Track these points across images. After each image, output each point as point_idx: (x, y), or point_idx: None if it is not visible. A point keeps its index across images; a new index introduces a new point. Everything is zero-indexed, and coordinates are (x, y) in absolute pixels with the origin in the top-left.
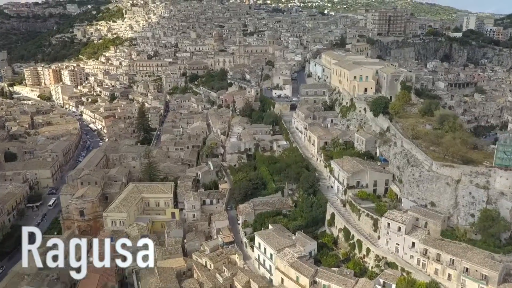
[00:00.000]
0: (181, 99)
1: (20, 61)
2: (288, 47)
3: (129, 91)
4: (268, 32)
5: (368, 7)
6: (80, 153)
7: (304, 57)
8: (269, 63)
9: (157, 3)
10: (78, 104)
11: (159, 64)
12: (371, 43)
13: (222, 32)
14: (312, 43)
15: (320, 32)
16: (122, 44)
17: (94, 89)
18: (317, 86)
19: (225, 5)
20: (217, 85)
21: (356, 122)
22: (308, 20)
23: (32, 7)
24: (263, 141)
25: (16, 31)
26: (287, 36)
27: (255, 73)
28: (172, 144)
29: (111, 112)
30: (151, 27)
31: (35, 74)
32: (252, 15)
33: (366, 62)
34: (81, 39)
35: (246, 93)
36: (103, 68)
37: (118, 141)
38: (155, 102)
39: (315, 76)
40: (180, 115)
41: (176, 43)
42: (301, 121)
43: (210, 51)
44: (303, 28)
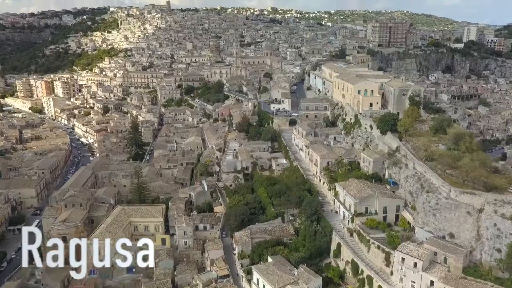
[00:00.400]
0: (176, 112)
1: (13, 72)
2: (286, 59)
3: (123, 103)
4: (265, 43)
5: (365, 18)
6: (69, 170)
7: (303, 69)
8: (266, 75)
9: (153, 14)
10: (70, 117)
11: (154, 76)
12: (372, 55)
13: (219, 43)
14: (311, 55)
15: (319, 43)
16: (117, 55)
17: (87, 101)
18: (318, 100)
19: (222, 16)
20: (213, 97)
21: (362, 140)
22: (306, 31)
23: (27, 17)
24: (261, 159)
25: (11, 42)
26: (285, 47)
27: (252, 85)
28: (165, 161)
29: (104, 126)
30: (147, 38)
31: (27, 86)
32: (250, 26)
33: (370, 75)
34: (76, 50)
35: (243, 106)
36: (97, 79)
37: (109, 156)
38: (149, 115)
39: (315, 89)
40: (174, 129)
41: (171, 54)
42: (301, 138)
43: (207, 63)
44: (301, 39)
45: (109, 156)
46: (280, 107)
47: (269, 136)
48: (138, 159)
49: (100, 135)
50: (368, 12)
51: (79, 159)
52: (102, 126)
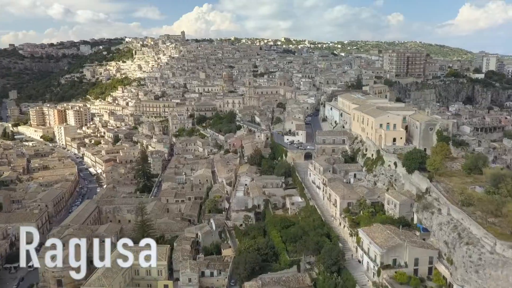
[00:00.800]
0: (187, 143)
1: (28, 100)
2: (300, 89)
3: (134, 133)
4: (279, 73)
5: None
6: (74, 202)
7: (318, 100)
8: (280, 105)
9: (167, 44)
10: (80, 146)
11: (166, 105)
12: (389, 85)
13: (232, 72)
14: (326, 85)
15: (334, 73)
16: (130, 84)
17: (99, 130)
18: (335, 133)
19: (235, 46)
20: (225, 127)
21: (385, 178)
22: (320, 60)
23: (46, 48)
24: (274, 197)
25: (29, 71)
26: (299, 77)
27: (265, 116)
28: (172, 195)
29: (113, 156)
30: (160, 67)
31: (40, 114)
32: (263, 56)
33: (392, 107)
34: (90, 79)
35: (256, 137)
36: (109, 108)
37: (116, 188)
38: (159, 146)
39: (331, 121)
40: (184, 160)
41: (184, 83)
42: (318, 174)
43: (219, 92)
44: (315, 69)
45: (116, 188)
46: (294, 139)
47: (282, 171)
48: (146, 191)
49: (108, 166)
50: (381, 42)
51: (85, 191)
52: (111, 156)
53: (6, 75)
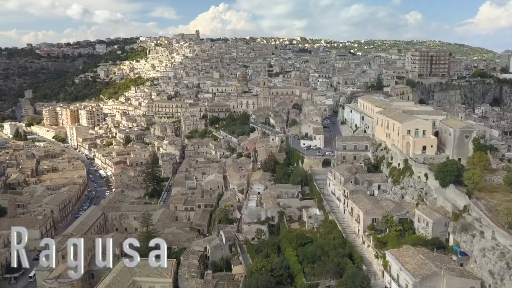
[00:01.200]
0: (199, 145)
1: (43, 100)
2: (316, 89)
3: (145, 133)
4: (294, 73)
5: (396, 47)
6: (82, 206)
7: (336, 101)
8: (295, 106)
9: (181, 43)
10: (91, 147)
11: (178, 106)
12: (412, 86)
13: (246, 72)
14: (344, 85)
15: (352, 73)
16: (143, 84)
17: (111, 130)
18: (357, 139)
19: (250, 45)
20: (239, 129)
21: (414, 191)
22: (338, 60)
23: (63, 47)
24: (290, 208)
25: (45, 71)
26: (315, 77)
27: (280, 118)
28: (182, 202)
29: (123, 157)
30: (174, 67)
31: (53, 114)
32: (278, 55)
33: (419, 111)
34: (104, 79)
35: (270, 140)
36: (121, 108)
37: (125, 192)
38: (170, 148)
39: (351, 124)
40: (196, 163)
41: (198, 83)
42: (338, 185)
43: (233, 92)
44: (333, 68)
45: (124, 192)
46: (311, 144)
47: (298, 179)
48: (155, 195)
49: (118, 168)
50: (398, 41)
51: (94, 194)
52: (122, 158)
53: (23, 75)
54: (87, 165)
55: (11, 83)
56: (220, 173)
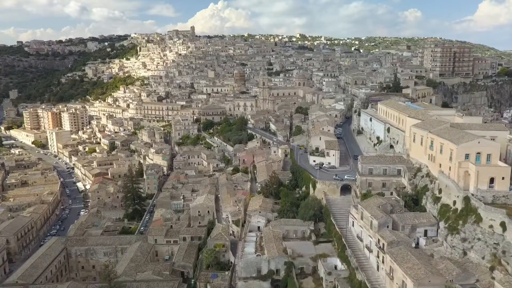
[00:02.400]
0: (190, 155)
1: (26, 101)
2: (322, 89)
3: (132, 139)
4: (297, 72)
5: (397, 44)
6: (50, 229)
7: (348, 105)
8: (299, 110)
9: (174, 39)
10: (71, 154)
11: (169, 108)
12: (433, 86)
13: (244, 71)
14: (353, 86)
15: (362, 71)
16: (133, 83)
17: (95, 135)
18: (387, 160)
19: (248, 42)
20: (235, 136)
21: (485, 248)
22: (344, 57)
23: (53, 44)
24: (301, 258)
25: (33, 69)
26: (320, 76)
27: (282, 123)
28: (163, 234)
29: (105, 168)
30: (166, 65)
31: (34, 117)
32: (278, 53)
33: (472, 124)
34: (92, 78)
35: (271, 152)
36: (108, 110)
37: (101, 213)
38: (157, 158)
39: (371, 136)
40: (185, 177)
41: (191, 83)
42: (369, 229)
43: (230, 93)
44: (338, 66)
45: (100, 213)
46: (323, 162)
47: (311, 213)
48: (136, 217)
49: (96, 181)
50: (399, 38)
51: (66, 214)
52: (103, 169)
53: (10, 73)
54: (66, 176)
55: None
56: (212, 193)
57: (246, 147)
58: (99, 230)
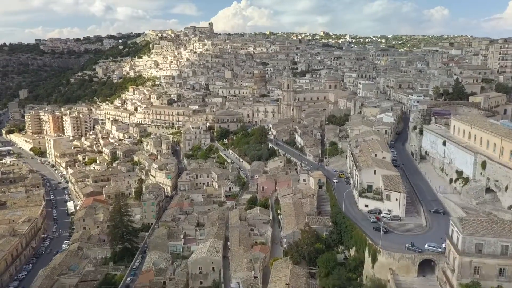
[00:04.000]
0: (198, 173)
1: (34, 102)
2: (357, 93)
3: (136, 149)
4: (325, 72)
5: (426, 42)
6: (19, 271)
7: (398, 116)
8: (332, 119)
9: (189, 36)
10: (69, 165)
11: (180, 113)
12: (505, 92)
13: (265, 71)
14: (397, 90)
15: (407, 73)
16: (143, 84)
17: (99, 142)
18: (506, 231)
19: (270, 39)
20: (253, 150)
21: None
22: (379, 56)
23: (68, 42)
24: None
25: (47, 68)
26: (353, 78)
27: (311, 136)
28: None
29: (100, 185)
30: (179, 64)
31: (36, 121)
32: (304, 50)
33: None
34: (101, 78)
35: (299, 181)
36: (115, 114)
37: (84, 250)
38: (160, 175)
39: (443, 165)
40: (190, 203)
41: (206, 84)
42: None
43: (248, 96)
44: (373, 66)
45: (83, 250)
46: (381, 209)
47: None
48: (126, 258)
49: (86, 204)
50: (427, 37)
51: (45, 248)
52: (98, 186)
53: (23, 72)
54: (58, 193)
55: (9, 81)
56: (220, 237)
57: (266, 166)
58: (74, 279)
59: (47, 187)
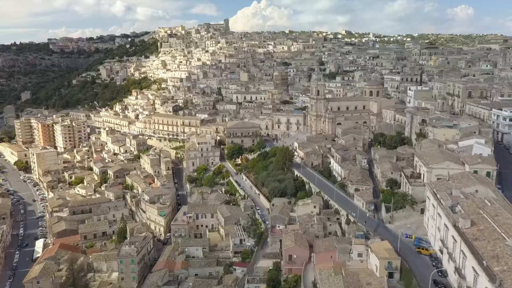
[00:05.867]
0: (200, 211)
1: (33, 105)
2: (407, 102)
3: (130, 168)
4: (359, 73)
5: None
6: None
7: (489, 142)
8: (380, 138)
9: (202, 33)
10: (50, 186)
11: (186, 123)
12: None
13: (287, 72)
14: (468, 100)
15: (474, 77)
16: (148, 87)
17: (92, 155)
18: None
19: (292, 36)
20: (274, 181)
21: None
22: (425, 55)
23: (81, 41)
24: None
25: (56, 68)
26: (397, 82)
27: (354, 164)
28: None
29: (78, 220)
30: (189, 64)
31: (27, 128)
32: (332, 49)
33: None
34: (104, 79)
35: (351, 255)
36: (113, 122)
37: None
38: (151, 211)
39: None
40: (185, 262)
41: (219, 88)
42: None
43: (267, 103)
44: (419, 67)
45: None
46: None
47: None
48: None
49: (50, 252)
50: (455, 36)
51: None
52: (75, 222)
53: (30, 72)
54: (31, 225)
55: (15, 82)
56: None
57: (293, 210)
58: None
59: (19, 216)
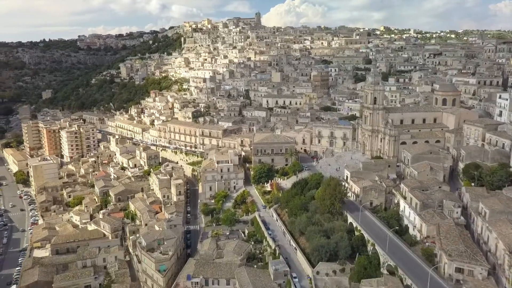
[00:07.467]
0: (210, 276)
1: (49, 106)
2: (499, 115)
3: (136, 190)
4: (418, 74)
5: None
6: None
7: None
8: (473, 172)
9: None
10: (43, 209)
11: (206, 133)
12: None
13: (328, 72)
14: None
15: None
16: (169, 87)
17: (99, 167)
18: None
19: (331, 30)
20: (319, 236)
21: None
22: (504, 51)
23: (108, 38)
24: None
25: (82, 65)
26: (473, 86)
27: (442, 216)
28: None
29: (59, 263)
30: (215, 61)
31: (35, 133)
32: (381, 44)
33: None
34: (124, 78)
35: None
36: (126, 128)
37: None
38: (148, 262)
39: None
40: None
41: (246, 90)
42: None
43: (304, 109)
44: (498, 67)
45: None
46: None
47: None
48: None
49: None
50: (504, 32)
51: None
52: (52, 268)
53: (55, 70)
54: (10, 260)
55: (39, 80)
56: None
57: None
58: None
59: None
